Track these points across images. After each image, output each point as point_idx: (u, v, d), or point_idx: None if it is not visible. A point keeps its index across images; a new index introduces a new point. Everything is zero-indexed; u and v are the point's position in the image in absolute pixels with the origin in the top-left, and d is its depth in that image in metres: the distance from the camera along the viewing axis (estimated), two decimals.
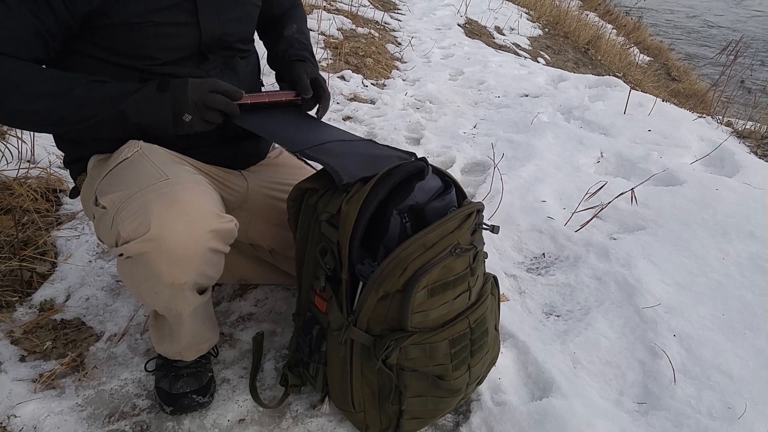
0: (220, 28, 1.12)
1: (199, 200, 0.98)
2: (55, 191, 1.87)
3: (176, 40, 1.07)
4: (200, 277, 1.03)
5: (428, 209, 1.02)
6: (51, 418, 1.16)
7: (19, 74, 0.95)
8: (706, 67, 7.44)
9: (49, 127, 1.04)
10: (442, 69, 3.82)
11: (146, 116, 1.01)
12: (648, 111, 2.97)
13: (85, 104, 0.98)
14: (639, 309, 1.51)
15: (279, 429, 1.18)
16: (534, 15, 6.38)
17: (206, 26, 1.09)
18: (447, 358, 1.04)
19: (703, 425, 1.19)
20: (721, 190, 2.02)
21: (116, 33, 1.02)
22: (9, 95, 0.94)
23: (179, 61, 1.09)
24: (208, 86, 1.04)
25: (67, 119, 0.99)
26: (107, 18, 1.00)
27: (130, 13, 1.00)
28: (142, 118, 1.01)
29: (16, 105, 0.96)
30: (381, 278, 0.97)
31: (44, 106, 0.96)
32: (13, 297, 1.46)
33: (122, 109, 0.99)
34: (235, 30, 1.17)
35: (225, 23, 1.13)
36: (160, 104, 1.00)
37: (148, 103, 1.00)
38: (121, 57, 1.05)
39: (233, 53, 1.20)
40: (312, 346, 1.12)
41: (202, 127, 1.05)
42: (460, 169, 2.39)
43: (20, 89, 0.95)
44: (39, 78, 0.97)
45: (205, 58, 1.13)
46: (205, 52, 1.12)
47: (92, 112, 0.99)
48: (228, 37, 1.15)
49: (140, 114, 1.00)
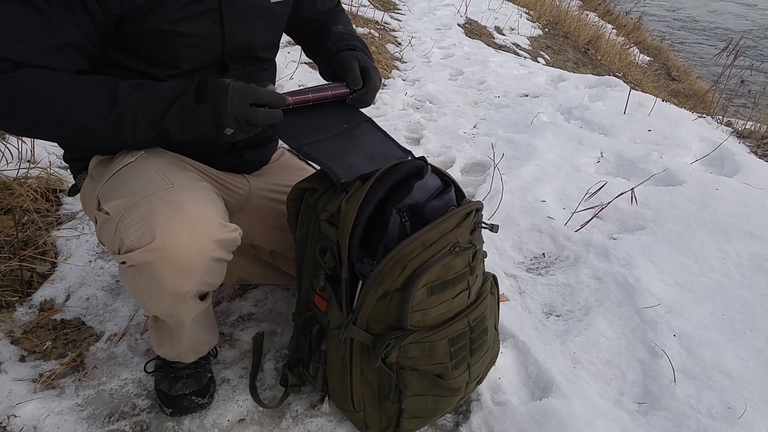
0: (245, 36, 1.10)
1: (204, 209, 0.97)
2: (55, 191, 1.87)
3: (200, 49, 1.05)
4: (203, 285, 1.03)
5: (427, 208, 1.03)
6: (51, 418, 1.16)
7: (57, 85, 0.91)
8: (706, 66, 7.44)
9: (83, 141, 0.99)
10: (442, 69, 3.82)
11: (190, 134, 0.97)
12: (648, 111, 2.97)
13: (126, 123, 0.94)
14: (639, 309, 1.51)
15: (279, 429, 1.18)
16: (534, 15, 6.38)
17: (230, 35, 1.07)
18: (446, 356, 1.04)
19: (703, 425, 1.19)
20: (721, 190, 2.02)
21: (143, 40, 1.00)
22: (48, 105, 0.90)
23: (200, 71, 1.07)
24: (249, 98, 0.96)
25: (106, 138, 0.95)
26: (135, 25, 0.98)
27: (159, 21, 0.98)
28: (186, 135, 0.97)
29: (54, 116, 0.91)
30: (380, 277, 0.97)
31: (82, 119, 0.92)
32: (13, 297, 1.46)
33: (165, 127, 0.95)
34: (260, 38, 1.14)
35: (249, 32, 1.11)
36: (202, 118, 0.95)
37: (189, 118, 0.95)
38: (145, 65, 1.03)
39: (256, 64, 1.18)
40: (312, 345, 1.12)
41: (244, 137, 1.00)
42: (460, 169, 2.39)
43: (57, 101, 0.91)
44: (79, 93, 0.92)
45: (226, 69, 1.11)
46: (227, 62, 1.11)
47: (138, 138, 0.96)
48: (252, 45, 1.12)
49: (184, 132, 0.96)
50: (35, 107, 0.90)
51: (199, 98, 0.94)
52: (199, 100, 0.94)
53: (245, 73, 1.15)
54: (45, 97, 0.90)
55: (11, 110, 0.91)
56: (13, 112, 0.91)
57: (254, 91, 0.96)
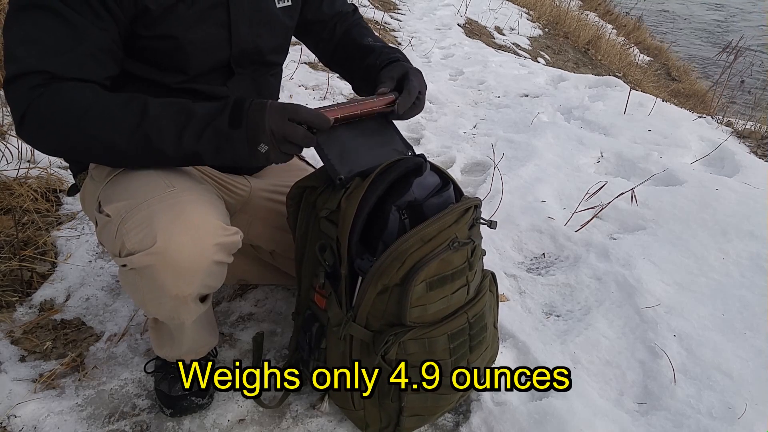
0: (253, 42, 1.10)
1: (205, 213, 0.96)
2: (55, 191, 1.87)
3: (207, 54, 1.05)
4: (204, 288, 1.02)
5: (426, 206, 1.03)
6: (51, 418, 1.16)
7: (87, 102, 0.90)
8: (707, 67, 7.44)
9: (113, 160, 0.98)
10: (442, 69, 3.82)
11: (223, 159, 0.94)
12: (648, 111, 2.97)
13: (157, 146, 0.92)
14: (639, 309, 1.51)
15: (279, 429, 1.18)
16: (534, 15, 6.38)
17: (238, 40, 1.07)
18: (446, 353, 1.04)
19: (703, 425, 1.19)
20: (721, 190, 2.02)
21: (151, 45, 1.00)
22: (78, 122, 0.89)
23: (207, 76, 1.07)
24: (288, 113, 0.92)
25: (138, 157, 0.94)
26: (144, 28, 0.97)
27: (167, 26, 0.98)
28: (218, 161, 0.94)
29: (87, 131, 0.90)
30: (379, 272, 0.97)
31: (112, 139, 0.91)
32: (13, 297, 1.46)
33: (197, 151, 0.92)
34: (268, 42, 1.14)
35: (257, 37, 1.10)
36: (236, 143, 0.91)
37: (223, 143, 0.92)
38: (153, 70, 1.03)
39: (263, 69, 1.17)
40: (312, 343, 1.12)
41: (280, 159, 0.95)
42: (460, 169, 2.39)
43: (88, 114, 0.89)
44: (108, 110, 0.91)
45: (232, 74, 1.11)
46: (234, 67, 1.10)
47: (167, 157, 0.94)
48: (260, 49, 1.12)
49: (216, 158, 0.93)
50: (68, 124, 0.89)
51: (233, 123, 0.91)
52: (233, 124, 0.91)
53: (252, 77, 1.15)
54: (76, 114, 0.88)
55: (44, 127, 0.90)
56: (47, 129, 0.90)
57: (294, 107, 0.93)
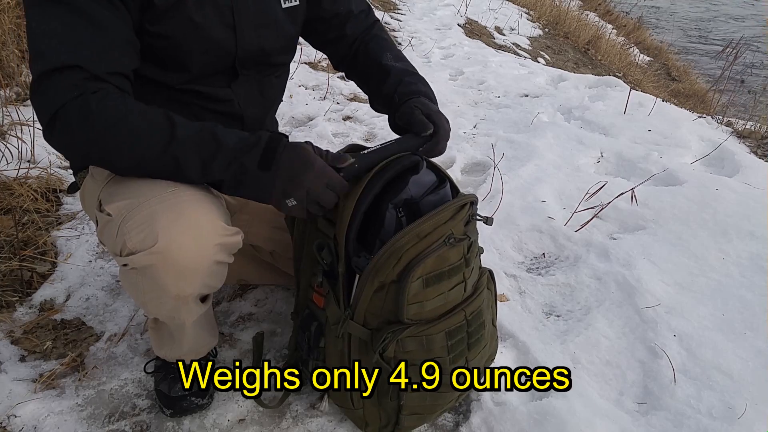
0: (258, 43, 1.10)
1: (206, 212, 0.96)
2: (55, 191, 1.87)
3: (212, 55, 1.05)
4: (204, 288, 1.03)
5: (423, 203, 1.03)
6: (51, 418, 1.16)
7: (119, 113, 0.89)
8: (707, 66, 7.44)
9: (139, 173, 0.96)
10: (442, 69, 3.82)
11: (242, 194, 0.95)
12: (648, 111, 2.97)
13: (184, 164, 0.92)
14: (639, 309, 1.51)
15: (279, 429, 1.18)
16: (534, 15, 6.38)
17: (242, 41, 1.07)
18: (444, 350, 1.04)
19: (703, 425, 1.19)
20: (721, 190, 2.02)
21: (156, 44, 1.00)
22: (110, 132, 0.88)
23: (210, 78, 1.07)
24: (327, 178, 0.93)
25: (161, 172, 0.94)
26: (149, 24, 0.97)
27: (172, 25, 0.98)
28: (237, 194, 0.95)
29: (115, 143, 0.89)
30: (376, 269, 0.97)
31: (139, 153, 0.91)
32: (13, 297, 1.46)
33: (222, 180, 0.93)
34: (273, 43, 1.13)
35: (262, 39, 1.10)
36: (261, 186, 0.92)
37: (248, 181, 0.92)
38: (157, 70, 1.02)
39: (269, 70, 1.17)
40: (310, 342, 1.12)
41: (301, 215, 0.96)
42: (460, 169, 2.39)
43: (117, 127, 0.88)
44: (137, 126, 0.90)
45: (237, 76, 1.11)
46: (238, 69, 1.10)
47: (191, 180, 0.94)
48: (265, 51, 1.12)
49: (236, 191, 0.94)
50: (97, 137, 0.88)
51: (263, 164, 0.91)
52: (263, 166, 0.91)
53: (257, 79, 1.15)
54: (108, 125, 0.88)
55: (74, 135, 0.89)
56: (77, 138, 0.89)
57: (332, 174, 0.94)
